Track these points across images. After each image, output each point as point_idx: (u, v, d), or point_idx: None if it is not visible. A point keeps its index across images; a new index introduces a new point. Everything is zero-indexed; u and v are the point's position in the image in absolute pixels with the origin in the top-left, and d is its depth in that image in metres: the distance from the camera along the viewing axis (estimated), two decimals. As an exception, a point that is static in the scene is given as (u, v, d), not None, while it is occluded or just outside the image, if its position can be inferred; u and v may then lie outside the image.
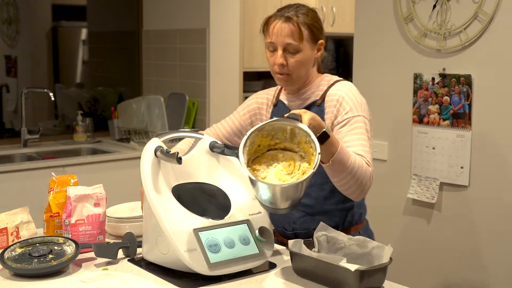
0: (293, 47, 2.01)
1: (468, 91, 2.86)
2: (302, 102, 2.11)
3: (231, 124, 2.25)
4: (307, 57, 2.04)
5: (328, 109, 2.03)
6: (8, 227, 1.98)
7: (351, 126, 1.96)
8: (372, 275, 1.63)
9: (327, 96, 2.05)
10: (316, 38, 2.07)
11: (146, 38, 4.80)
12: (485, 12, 2.79)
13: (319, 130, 1.74)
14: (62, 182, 2.06)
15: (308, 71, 2.08)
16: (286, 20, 2.01)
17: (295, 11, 2.03)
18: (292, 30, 2.00)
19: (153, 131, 4.18)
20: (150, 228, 1.80)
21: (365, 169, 1.86)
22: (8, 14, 4.70)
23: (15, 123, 4.57)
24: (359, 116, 1.99)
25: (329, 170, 1.84)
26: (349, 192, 1.90)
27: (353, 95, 2.02)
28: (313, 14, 2.07)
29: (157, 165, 1.81)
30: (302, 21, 2.02)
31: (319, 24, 2.09)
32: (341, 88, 2.04)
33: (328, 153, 1.78)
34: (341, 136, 1.95)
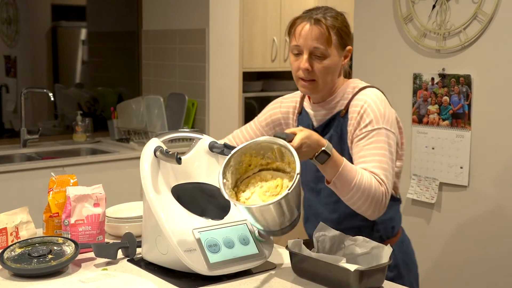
0: (321, 51, 1.87)
1: (468, 91, 2.86)
2: (327, 112, 1.97)
3: (251, 133, 2.16)
4: (334, 63, 1.90)
5: (350, 121, 1.90)
6: (7, 227, 1.97)
7: (369, 140, 1.83)
8: (371, 275, 1.63)
9: (350, 106, 1.92)
10: (344, 43, 1.92)
11: (146, 38, 4.80)
12: (485, 12, 2.80)
13: (317, 149, 1.68)
14: (62, 182, 2.05)
15: (334, 79, 1.93)
16: (315, 23, 1.88)
17: (323, 14, 1.90)
18: (320, 33, 1.87)
19: (153, 131, 4.18)
20: (149, 228, 1.80)
21: (375, 188, 1.75)
22: (7, 14, 4.70)
23: (15, 123, 4.57)
24: (381, 129, 1.84)
25: (334, 190, 1.77)
26: (360, 211, 1.80)
27: (376, 105, 1.87)
28: (342, 18, 1.93)
29: (157, 165, 1.81)
30: (331, 24, 1.88)
31: (348, 29, 1.94)
32: (364, 98, 1.90)
33: (330, 173, 1.72)
34: (357, 150, 1.84)
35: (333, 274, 1.64)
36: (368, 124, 1.84)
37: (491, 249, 2.86)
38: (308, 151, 1.68)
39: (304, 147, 1.66)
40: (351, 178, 1.72)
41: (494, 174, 2.82)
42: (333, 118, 1.94)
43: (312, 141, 1.67)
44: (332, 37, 1.87)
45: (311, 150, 1.67)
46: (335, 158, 1.71)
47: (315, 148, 1.68)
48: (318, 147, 1.68)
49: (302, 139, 1.65)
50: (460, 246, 2.97)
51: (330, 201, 1.95)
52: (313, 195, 2.01)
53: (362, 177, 1.73)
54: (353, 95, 1.92)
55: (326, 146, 1.69)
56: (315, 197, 2.00)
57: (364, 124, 1.84)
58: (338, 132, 1.92)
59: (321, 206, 2.00)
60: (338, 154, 1.73)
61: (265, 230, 1.66)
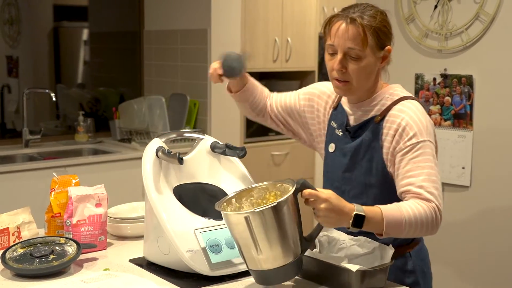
0: (355, 52, 1.79)
1: (470, 91, 2.86)
2: (363, 114, 1.89)
3: (287, 101, 2.10)
4: (370, 65, 1.81)
5: (388, 131, 1.82)
6: (9, 227, 1.98)
7: (415, 153, 1.75)
8: (373, 275, 1.63)
9: (388, 115, 1.83)
10: (382, 44, 1.82)
11: (148, 38, 4.80)
12: (487, 13, 2.79)
13: (346, 216, 1.59)
14: (64, 183, 2.06)
15: (370, 81, 1.85)
16: (350, 22, 1.79)
17: (361, 12, 1.81)
18: (356, 33, 1.78)
19: (155, 132, 4.18)
20: (151, 229, 1.80)
21: (425, 211, 1.67)
22: (9, 15, 4.71)
23: (17, 124, 4.57)
24: (425, 141, 1.77)
25: (388, 236, 1.69)
26: (421, 236, 1.77)
27: (418, 117, 1.80)
28: (382, 17, 1.83)
29: (159, 165, 1.81)
30: (368, 24, 1.78)
31: (388, 29, 1.84)
32: (405, 110, 1.81)
33: (376, 228, 1.65)
34: (403, 164, 1.76)
35: (334, 274, 1.64)
36: (412, 137, 1.77)
37: (492, 249, 2.86)
38: (333, 219, 1.60)
39: (328, 220, 1.59)
40: (399, 221, 1.65)
41: (496, 174, 2.82)
42: (366, 122, 1.87)
43: (336, 211, 1.59)
44: (368, 38, 1.78)
45: (339, 218, 1.59)
46: (371, 214, 1.62)
47: (343, 216, 1.60)
48: (347, 216, 1.60)
49: (327, 209, 1.58)
50: (462, 246, 2.97)
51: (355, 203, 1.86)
52: (338, 194, 1.85)
53: (407, 211, 1.66)
54: (391, 104, 1.85)
55: (356, 209, 1.61)
56: (340, 196, 1.85)
57: (408, 137, 1.77)
58: (369, 137, 1.85)
59: None
60: (371, 208, 1.65)
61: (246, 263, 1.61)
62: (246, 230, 1.53)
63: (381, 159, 1.82)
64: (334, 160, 1.93)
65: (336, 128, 1.94)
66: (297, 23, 4.83)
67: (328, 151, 1.96)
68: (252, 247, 1.55)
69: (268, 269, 1.56)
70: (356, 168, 1.87)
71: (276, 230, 1.53)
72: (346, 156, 1.89)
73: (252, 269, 1.60)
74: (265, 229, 1.53)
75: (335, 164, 1.92)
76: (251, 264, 1.60)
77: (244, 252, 1.59)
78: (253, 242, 1.54)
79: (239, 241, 1.58)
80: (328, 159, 1.97)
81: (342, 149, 1.90)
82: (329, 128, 1.98)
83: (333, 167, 1.94)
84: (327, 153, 1.97)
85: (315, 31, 4.95)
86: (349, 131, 1.89)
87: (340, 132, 1.92)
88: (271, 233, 1.53)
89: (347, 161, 1.88)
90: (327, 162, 1.98)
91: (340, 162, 1.90)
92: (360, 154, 1.85)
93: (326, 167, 1.99)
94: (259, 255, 1.55)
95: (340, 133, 1.92)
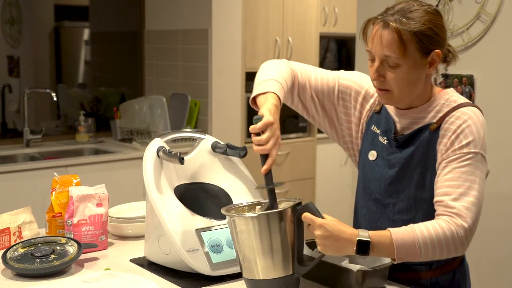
0: (393, 60, 1.61)
1: (471, 91, 2.86)
2: (413, 122, 1.71)
3: (319, 83, 1.85)
4: (412, 72, 1.62)
5: (442, 139, 1.64)
6: (10, 227, 1.98)
7: (463, 163, 1.59)
8: (374, 275, 1.63)
9: (444, 122, 1.65)
10: (426, 49, 1.62)
11: (148, 38, 4.80)
12: (488, 13, 2.79)
13: (347, 245, 1.51)
14: (65, 182, 2.06)
15: (416, 88, 1.66)
16: (386, 27, 1.61)
17: (401, 15, 1.61)
18: (391, 39, 1.60)
19: (155, 131, 4.18)
20: (152, 228, 1.80)
21: (443, 235, 1.53)
22: (10, 15, 4.71)
23: (18, 123, 4.57)
24: (477, 154, 1.60)
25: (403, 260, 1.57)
26: (444, 258, 1.61)
27: (476, 127, 1.62)
28: (429, 18, 1.62)
29: (159, 165, 1.81)
30: (408, 28, 1.59)
31: (435, 31, 1.62)
32: (464, 117, 1.63)
33: (387, 253, 1.54)
34: (446, 171, 1.60)
35: (335, 274, 1.64)
36: (465, 146, 1.60)
37: (493, 249, 2.86)
38: (332, 246, 1.52)
39: (326, 244, 1.51)
40: (411, 244, 1.52)
41: (497, 174, 2.82)
42: (419, 130, 1.68)
43: (334, 237, 1.50)
44: (406, 44, 1.59)
45: (339, 245, 1.51)
46: (378, 239, 1.52)
47: (343, 243, 1.51)
48: (348, 241, 1.51)
49: (322, 236, 1.50)
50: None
51: (400, 219, 1.71)
52: (378, 207, 1.77)
53: (422, 233, 1.53)
54: (450, 110, 1.66)
55: (360, 234, 1.51)
56: (381, 209, 1.76)
57: (460, 145, 1.60)
58: (423, 148, 1.67)
59: (385, 221, 1.75)
60: (379, 232, 1.54)
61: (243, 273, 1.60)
62: (250, 235, 1.53)
63: (435, 170, 1.65)
64: (374, 169, 1.76)
65: (379, 134, 1.76)
66: (298, 22, 4.83)
67: (368, 159, 1.78)
68: (251, 254, 1.55)
69: (264, 279, 1.55)
70: (405, 181, 1.69)
71: (270, 240, 1.53)
72: (393, 167, 1.71)
73: (247, 278, 1.59)
74: (265, 236, 1.52)
75: (377, 174, 1.75)
76: (247, 272, 1.58)
77: (243, 258, 1.58)
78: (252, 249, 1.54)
79: (241, 246, 1.57)
80: (367, 168, 1.79)
81: (387, 160, 1.73)
82: (369, 133, 1.80)
83: (374, 177, 1.76)
84: (366, 160, 1.80)
85: (316, 31, 4.95)
86: (398, 140, 1.71)
87: (384, 140, 1.75)
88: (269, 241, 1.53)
89: (394, 174, 1.71)
90: (365, 171, 1.80)
91: (384, 173, 1.73)
92: (411, 166, 1.68)
93: (364, 175, 1.81)
94: (256, 262, 1.55)
95: (384, 141, 1.75)
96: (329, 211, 1.98)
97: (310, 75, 1.85)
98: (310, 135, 5.02)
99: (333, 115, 1.87)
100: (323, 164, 5.08)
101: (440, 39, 1.63)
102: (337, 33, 5.13)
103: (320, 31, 4.99)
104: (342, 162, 5.11)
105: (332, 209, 2.88)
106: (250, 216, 1.54)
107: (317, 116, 1.88)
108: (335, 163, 5.14)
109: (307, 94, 1.85)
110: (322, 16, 5.00)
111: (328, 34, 5.10)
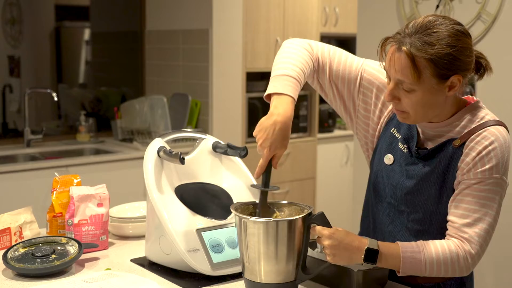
0: (407, 85, 1.53)
1: (471, 91, 2.86)
2: (436, 135, 1.64)
3: (340, 71, 1.75)
4: (429, 97, 1.53)
5: (465, 158, 1.57)
6: (11, 227, 1.98)
7: (482, 187, 1.55)
8: (374, 275, 1.63)
9: (470, 141, 1.57)
10: (444, 75, 1.51)
11: (149, 38, 4.80)
12: (488, 13, 2.79)
13: (356, 254, 1.52)
14: (65, 182, 2.06)
15: (434, 110, 1.58)
16: (399, 49, 1.51)
17: (419, 36, 1.50)
18: (405, 64, 1.50)
19: (156, 131, 4.19)
20: (153, 228, 1.80)
21: (450, 257, 1.54)
22: (11, 15, 4.71)
23: (18, 123, 4.58)
24: (499, 179, 1.55)
25: (406, 274, 1.58)
26: (447, 277, 1.63)
27: (502, 151, 1.55)
28: (450, 41, 1.50)
29: (160, 165, 1.81)
30: (423, 55, 1.48)
31: (455, 55, 1.50)
32: (491, 138, 1.55)
33: (393, 265, 1.55)
34: (464, 193, 1.56)
35: (336, 274, 1.64)
36: (487, 170, 1.54)
37: (492, 249, 2.85)
38: (341, 256, 1.53)
39: (335, 254, 1.53)
40: (417, 260, 1.54)
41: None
42: (443, 145, 1.61)
43: (344, 246, 1.52)
44: (420, 70, 1.49)
45: (348, 254, 1.53)
46: (387, 250, 1.53)
47: (352, 252, 1.53)
48: (357, 249, 1.52)
49: (332, 246, 1.52)
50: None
51: (414, 227, 1.68)
52: (392, 211, 1.73)
53: (430, 251, 1.54)
54: (476, 127, 1.58)
55: (369, 243, 1.52)
56: (394, 214, 1.73)
57: (483, 168, 1.54)
58: (444, 163, 1.61)
59: (398, 225, 1.72)
60: (388, 244, 1.56)
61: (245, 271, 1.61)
62: (259, 239, 1.53)
63: (453, 186, 1.61)
64: (390, 175, 1.71)
65: (399, 140, 1.70)
66: (298, 23, 4.83)
67: (383, 161, 1.73)
68: (257, 257, 1.55)
69: (266, 283, 1.56)
70: (423, 194, 1.65)
71: (280, 246, 1.54)
72: (411, 179, 1.66)
73: (249, 280, 1.59)
74: (275, 242, 1.53)
75: (393, 180, 1.70)
76: (250, 274, 1.59)
77: (248, 260, 1.58)
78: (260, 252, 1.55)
79: (248, 249, 1.57)
80: (382, 171, 1.74)
81: (406, 170, 1.67)
82: (387, 135, 1.74)
83: (389, 182, 1.71)
84: (381, 162, 1.74)
85: (316, 31, 4.95)
86: (419, 153, 1.65)
87: (404, 148, 1.68)
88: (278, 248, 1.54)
89: (412, 185, 1.65)
90: (379, 173, 1.75)
91: (402, 182, 1.68)
92: (430, 180, 1.63)
93: (377, 177, 1.76)
94: (261, 266, 1.56)
95: (404, 149, 1.68)
96: (329, 211, 1.99)
97: (332, 60, 1.75)
98: (311, 135, 5.03)
99: (351, 106, 1.79)
100: (324, 164, 5.08)
101: (461, 63, 1.52)
102: (337, 33, 5.13)
103: (320, 31, 4.99)
104: (343, 162, 5.11)
105: (332, 209, 2.88)
106: (263, 221, 1.54)
107: (335, 102, 1.81)
108: (336, 163, 5.14)
109: (326, 80, 1.77)
110: (323, 16, 5.00)
111: (329, 34, 5.10)
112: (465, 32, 1.54)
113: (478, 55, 1.61)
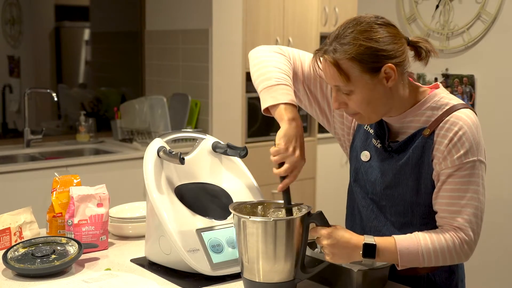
0: (343, 89, 1.57)
1: (471, 91, 2.86)
2: (403, 127, 1.66)
3: (312, 72, 1.75)
4: (368, 94, 1.56)
5: (439, 146, 1.59)
6: (11, 227, 1.98)
7: (462, 172, 1.57)
8: (374, 275, 1.63)
9: (439, 129, 1.59)
10: (373, 67, 1.54)
11: (149, 38, 4.80)
12: (488, 13, 2.79)
13: (355, 251, 1.54)
14: (65, 182, 2.06)
15: (384, 104, 1.60)
16: (324, 59, 1.58)
17: (336, 41, 1.56)
18: (332, 70, 1.56)
19: (156, 132, 4.18)
20: (153, 229, 1.80)
21: (446, 245, 1.57)
22: (11, 15, 4.71)
23: (18, 124, 4.58)
24: (475, 161, 1.57)
25: (406, 267, 1.60)
26: (446, 265, 1.65)
27: (472, 133, 1.57)
28: (364, 36, 1.54)
29: (160, 165, 1.81)
30: (345, 55, 1.53)
31: (375, 47, 1.53)
32: (459, 123, 1.57)
33: (391, 259, 1.58)
34: (447, 182, 1.58)
35: (336, 274, 1.64)
36: (463, 155, 1.56)
37: (492, 249, 2.86)
38: (340, 254, 1.55)
39: (335, 253, 1.55)
40: (415, 251, 1.56)
41: (498, 174, 2.82)
42: (413, 136, 1.63)
43: (342, 244, 1.54)
44: (347, 71, 1.54)
45: (347, 252, 1.55)
46: (384, 244, 1.55)
47: (351, 249, 1.55)
48: (355, 246, 1.54)
49: (330, 245, 1.54)
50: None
51: (397, 220, 1.70)
52: (374, 206, 1.75)
53: (426, 241, 1.57)
54: (443, 114, 1.60)
55: (366, 239, 1.55)
56: (377, 209, 1.75)
57: (458, 155, 1.56)
58: (417, 154, 1.63)
59: (382, 220, 1.73)
60: (384, 238, 1.57)
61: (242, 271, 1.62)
62: (258, 239, 1.54)
63: (430, 176, 1.63)
64: (368, 171, 1.72)
65: (372, 136, 1.72)
66: (298, 23, 4.83)
67: (360, 158, 1.75)
68: (256, 257, 1.56)
69: (264, 282, 1.57)
70: (401, 186, 1.67)
71: (279, 246, 1.55)
72: (387, 173, 1.67)
73: (247, 279, 1.60)
74: (274, 241, 1.54)
75: (371, 176, 1.72)
76: (248, 274, 1.59)
77: (247, 260, 1.58)
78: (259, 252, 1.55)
79: (247, 249, 1.57)
80: (361, 168, 1.75)
81: (382, 165, 1.69)
82: (361, 132, 1.76)
83: (368, 179, 1.73)
84: (358, 159, 1.76)
85: (316, 31, 4.95)
86: (391, 146, 1.67)
87: (378, 144, 1.70)
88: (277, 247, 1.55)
89: (389, 179, 1.67)
90: (359, 171, 1.76)
91: (379, 178, 1.70)
92: (406, 172, 1.64)
93: (357, 174, 1.77)
94: (260, 265, 1.56)
95: (378, 145, 1.70)
96: (329, 211, 1.99)
97: (303, 63, 1.79)
98: (311, 135, 5.03)
99: (325, 107, 1.81)
100: (324, 164, 5.08)
101: (385, 52, 1.53)
102: (337, 33, 5.13)
103: (320, 31, 4.99)
104: (343, 162, 5.11)
105: (332, 209, 2.88)
106: (262, 221, 1.55)
107: (310, 106, 1.84)
108: (336, 163, 5.14)
109: (300, 85, 1.80)
110: (323, 16, 5.00)
111: (329, 34, 5.09)
112: (384, 23, 1.58)
113: (416, 40, 1.63)
